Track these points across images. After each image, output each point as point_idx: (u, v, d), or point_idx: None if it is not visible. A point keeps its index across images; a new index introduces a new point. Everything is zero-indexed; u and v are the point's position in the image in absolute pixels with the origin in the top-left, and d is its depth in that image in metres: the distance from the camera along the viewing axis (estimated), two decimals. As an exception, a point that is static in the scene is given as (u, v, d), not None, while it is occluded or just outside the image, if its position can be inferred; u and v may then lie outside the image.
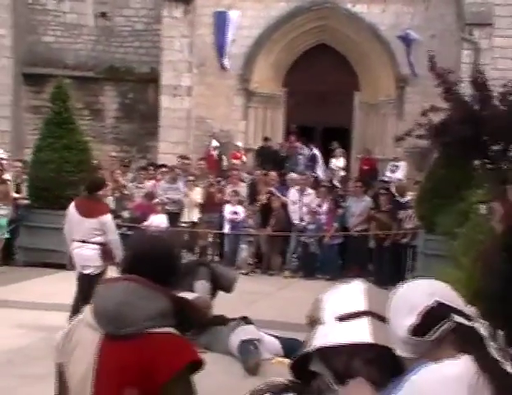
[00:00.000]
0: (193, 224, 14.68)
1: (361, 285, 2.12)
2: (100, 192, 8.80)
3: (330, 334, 2.02)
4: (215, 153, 18.70)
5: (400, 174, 17.10)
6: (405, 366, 1.86)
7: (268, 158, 18.14)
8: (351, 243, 13.64)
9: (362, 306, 2.03)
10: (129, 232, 13.99)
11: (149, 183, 15.17)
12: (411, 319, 1.86)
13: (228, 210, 14.40)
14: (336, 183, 15.31)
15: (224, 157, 18.85)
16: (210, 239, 14.91)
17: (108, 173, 15.59)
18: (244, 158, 18.82)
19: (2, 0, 20.33)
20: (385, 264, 13.05)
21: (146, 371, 2.29)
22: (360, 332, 1.98)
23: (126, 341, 2.31)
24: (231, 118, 20.25)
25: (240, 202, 14.54)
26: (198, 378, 2.42)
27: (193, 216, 14.69)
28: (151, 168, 16.00)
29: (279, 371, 2.21)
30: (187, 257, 14.38)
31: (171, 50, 19.64)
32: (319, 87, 20.31)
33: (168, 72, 19.67)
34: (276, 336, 7.96)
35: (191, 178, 14.93)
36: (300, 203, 14.10)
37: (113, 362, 2.32)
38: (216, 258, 14.72)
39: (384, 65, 19.90)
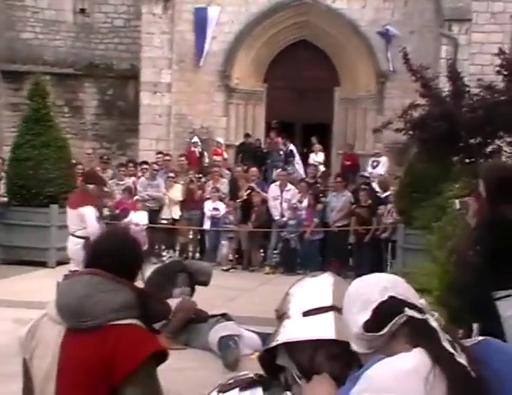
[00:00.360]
0: (174, 221, 14.65)
1: (329, 279, 2.11)
2: (92, 186, 8.73)
3: (294, 329, 2.02)
4: (196, 150, 18.67)
5: (381, 170, 17.16)
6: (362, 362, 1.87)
7: (249, 154, 18.15)
8: (332, 238, 13.67)
9: (328, 301, 2.03)
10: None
11: (129, 180, 15.10)
12: (365, 315, 1.84)
13: (209, 206, 14.39)
14: (313, 179, 15.30)
15: (205, 154, 18.83)
16: (190, 236, 14.90)
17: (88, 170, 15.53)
18: (225, 154, 18.81)
19: (-20, -4, 20.17)
20: (365, 259, 13.09)
21: (109, 363, 2.30)
22: (324, 328, 1.98)
23: (88, 335, 2.32)
24: (212, 114, 20.23)
25: (221, 199, 14.54)
26: (178, 374, 2.43)
27: (174, 212, 14.65)
28: (131, 165, 15.93)
29: (259, 367, 2.21)
30: (168, 255, 14.45)
31: (151, 47, 19.58)
32: (300, 83, 20.35)
33: (148, 69, 19.61)
34: (257, 332, 7.98)
35: (171, 174, 14.89)
36: (281, 199, 14.11)
37: (76, 356, 2.33)
38: (197, 255, 14.72)
39: (363, 60, 19.97)
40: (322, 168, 17.69)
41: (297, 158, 18.31)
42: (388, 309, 1.83)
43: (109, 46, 21.40)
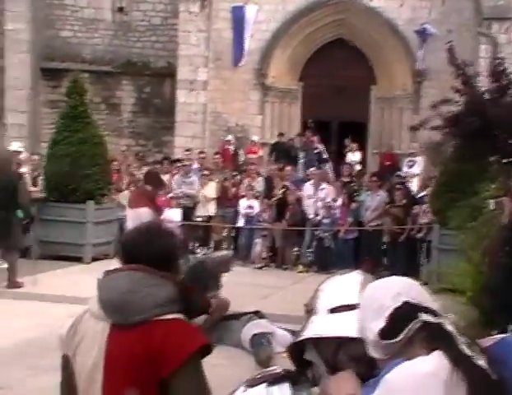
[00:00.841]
0: (209, 218, 14.72)
1: (358, 277, 2.12)
2: (149, 187, 8.81)
3: (319, 325, 2.03)
4: (231, 148, 18.73)
5: (417, 169, 17.02)
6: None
7: (283, 153, 18.13)
8: (366, 237, 13.61)
9: (354, 299, 2.04)
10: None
11: (164, 178, 15.19)
12: (380, 322, 1.85)
13: (243, 204, 14.42)
14: (348, 178, 15.24)
15: (240, 152, 18.87)
16: (225, 234, 14.94)
17: (124, 167, 15.69)
18: (261, 152, 18.84)
19: (21, -6, 20.47)
20: (400, 259, 13.00)
21: (157, 357, 2.30)
22: (347, 326, 1.98)
23: (134, 330, 2.32)
24: (247, 112, 20.25)
25: (255, 197, 14.56)
26: (209, 371, 2.45)
27: (208, 210, 14.71)
28: (166, 162, 16.04)
29: (291, 365, 2.22)
30: (202, 252, 14.52)
31: (188, 45, 19.67)
32: (336, 81, 20.27)
33: (184, 67, 19.71)
34: (289, 330, 7.98)
35: (206, 172, 14.95)
36: (315, 197, 14.08)
37: (122, 351, 2.33)
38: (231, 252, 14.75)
39: (400, 59, 19.81)
40: (358, 167, 17.61)
41: (326, 158, 18.24)
42: (402, 315, 1.84)
43: (147, 44, 21.56)
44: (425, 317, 1.82)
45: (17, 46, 20.48)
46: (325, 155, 18.33)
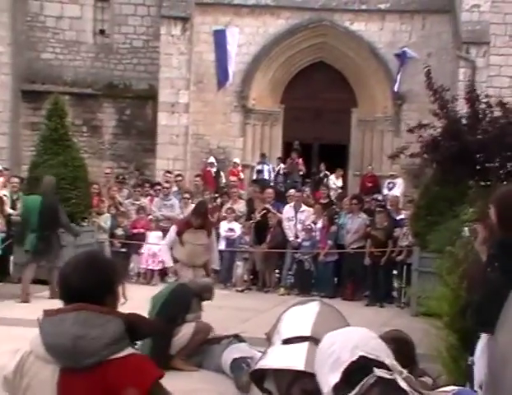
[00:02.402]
0: (189, 241, 14.68)
1: (315, 308, 2.14)
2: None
3: (272, 356, 2.06)
4: (212, 170, 18.77)
5: (397, 191, 17.15)
6: None
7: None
8: (347, 260, 13.64)
9: (307, 331, 2.06)
10: (123, 249, 14.07)
11: (144, 200, 15.20)
12: (335, 376, 1.85)
13: (224, 227, 14.42)
14: (326, 200, 15.34)
15: (221, 174, 18.92)
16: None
17: (105, 189, 15.65)
18: (242, 175, 18.90)
19: (1, 17, 20.47)
20: (380, 282, 13.05)
21: None
22: (295, 358, 2.00)
23: (87, 372, 2.29)
24: (229, 134, 20.36)
25: (237, 219, 14.57)
26: None
27: (189, 232, 14.68)
28: (147, 185, 16.03)
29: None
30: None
31: (169, 67, 19.77)
32: (317, 104, 20.46)
33: (166, 89, 19.80)
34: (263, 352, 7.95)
35: (186, 195, 14.96)
36: (295, 220, 14.13)
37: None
38: (211, 275, 14.72)
39: (380, 82, 20.04)
40: (339, 191, 17.73)
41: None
42: (357, 370, 1.83)
43: (128, 66, 21.63)
44: (379, 372, 1.82)
45: (-2, 68, 20.48)
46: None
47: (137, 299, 10.24)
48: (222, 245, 14.40)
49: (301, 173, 19.34)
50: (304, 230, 13.97)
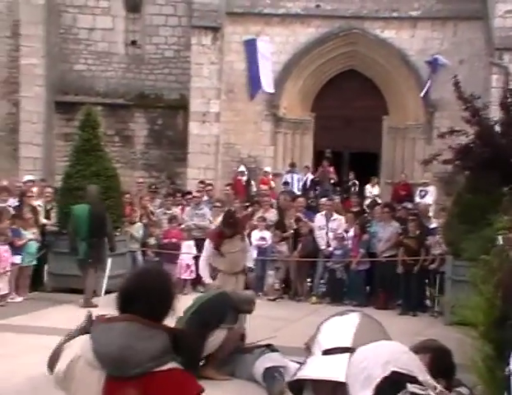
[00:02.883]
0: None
1: (355, 320, 2.13)
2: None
3: (312, 366, 2.05)
4: (243, 178, 18.80)
5: (429, 199, 17.02)
6: None
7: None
8: (379, 269, 13.56)
9: (347, 342, 2.05)
10: (156, 258, 14.14)
11: (176, 210, 15.27)
12: (367, 393, 1.83)
13: (255, 236, 14.41)
14: (358, 208, 15.29)
15: (252, 182, 18.94)
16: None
17: (137, 199, 15.76)
18: (273, 183, 18.90)
19: (36, 30, 20.78)
20: (413, 290, 12.94)
21: None
22: (336, 369, 2.00)
23: (131, 382, 2.38)
24: (259, 143, 20.40)
25: (268, 228, 14.56)
26: None
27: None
28: (179, 194, 16.11)
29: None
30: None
31: (200, 77, 19.89)
32: (348, 112, 20.41)
33: (197, 99, 19.92)
34: (302, 364, 7.93)
35: (217, 204, 15.00)
36: (327, 228, 14.09)
37: None
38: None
39: (412, 90, 19.93)
40: (378, 200, 17.64)
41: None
42: (390, 386, 1.80)
43: (159, 77, 21.81)
44: (412, 388, 1.79)
45: (32, 80, 20.76)
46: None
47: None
48: (254, 254, 14.40)
49: (332, 181, 19.30)
50: (335, 238, 13.92)
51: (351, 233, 13.93)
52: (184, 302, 12.41)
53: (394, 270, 13.24)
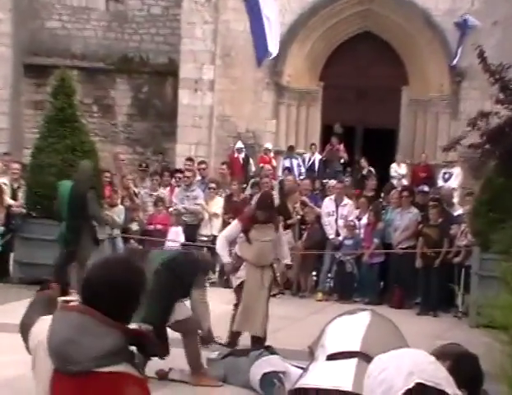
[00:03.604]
0: (214, 238, 14.72)
1: (365, 319, 2.12)
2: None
3: (315, 374, 2.05)
4: (240, 156, 18.78)
5: (454, 183, 17.02)
6: None
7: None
8: (395, 262, 13.59)
9: (355, 345, 2.05)
10: (139, 247, 14.14)
11: (164, 191, 15.25)
12: None
13: (254, 222, 14.40)
14: (373, 192, 15.28)
15: (251, 161, 18.93)
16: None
17: (118, 178, 15.75)
18: (274, 162, 18.88)
19: (2, -20, 20.70)
20: (434, 287, 12.97)
21: None
22: (342, 377, 1.99)
23: (74, 379, 2.45)
24: (259, 116, 20.35)
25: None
26: None
27: (214, 228, 14.72)
28: (167, 173, 16.09)
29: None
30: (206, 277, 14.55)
31: (192, 38, 19.86)
32: (361, 82, 20.38)
33: (188, 64, 19.88)
34: (305, 369, 7.95)
35: (212, 185, 14.99)
36: (336, 215, 14.09)
37: None
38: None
39: (436, 56, 19.88)
40: (405, 181, 17.61)
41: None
42: None
43: (145, 37, 21.75)
44: None
45: (-3, 39, 20.70)
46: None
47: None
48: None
49: (342, 161, 19.29)
50: (346, 226, 13.95)
51: (364, 220, 13.95)
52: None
53: (412, 263, 13.29)
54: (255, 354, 8.37)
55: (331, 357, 2.07)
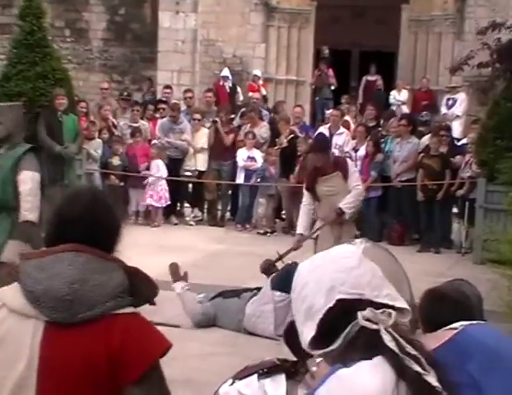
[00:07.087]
0: (199, 173, 14.71)
1: (358, 250, 2.10)
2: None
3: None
4: (226, 84, 18.68)
5: (458, 110, 16.99)
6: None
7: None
8: (394, 195, 13.63)
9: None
10: (121, 183, 14.13)
11: (145, 123, 15.17)
12: (311, 329, 1.85)
13: (242, 155, 14.40)
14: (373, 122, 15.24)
15: (238, 89, 18.84)
16: (220, 192, 14.93)
17: (95, 109, 15.66)
18: (264, 90, 18.80)
19: None
20: (436, 222, 13.04)
21: (116, 362, 2.28)
22: None
23: (81, 328, 2.29)
24: (247, 40, 20.21)
25: (258, 146, 14.53)
26: (203, 361, 2.51)
27: (199, 163, 14.69)
28: (152, 107, 15.99)
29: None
30: (192, 215, 14.58)
31: (173, -48, 19.60)
32: (357, 0, 20.17)
33: (168, -18, 19.66)
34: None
35: (196, 116, 14.89)
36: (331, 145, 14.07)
37: (67, 355, 2.28)
38: (228, 215, 14.80)
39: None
40: (405, 109, 17.58)
41: None
42: (336, 319, 1.83)
43: (121, -48, 21.43)
44: (363, 322, 1.81)
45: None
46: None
47: (143, 245, 10.35)
48: (241, 178, 14.43)
49: (333, 87, 19.23)
50: (341, 158, 13.93)
51: (362, 152, 13.92)
52: (157, 235, 12.46)
53: (413, 197, 13.32)
54: (248, 294, 8.45)
55: None
